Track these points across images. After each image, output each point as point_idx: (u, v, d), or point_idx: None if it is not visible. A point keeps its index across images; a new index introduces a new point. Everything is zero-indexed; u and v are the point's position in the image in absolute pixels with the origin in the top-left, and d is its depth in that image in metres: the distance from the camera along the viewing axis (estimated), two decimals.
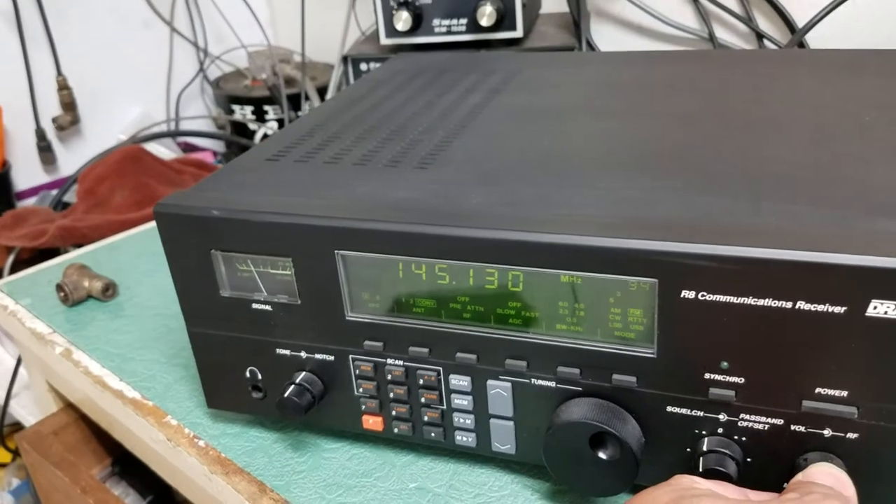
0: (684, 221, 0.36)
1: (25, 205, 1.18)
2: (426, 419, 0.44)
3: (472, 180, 0.43)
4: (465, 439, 0.44)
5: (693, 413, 0.38)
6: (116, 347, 0.60)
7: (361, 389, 0.45)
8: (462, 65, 0.66)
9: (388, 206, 0.41)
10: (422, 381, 0.43)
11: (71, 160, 1.24)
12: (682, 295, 0.35)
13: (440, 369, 0.43)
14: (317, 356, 0.45)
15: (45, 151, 1.20)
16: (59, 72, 1.19)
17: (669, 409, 0.38)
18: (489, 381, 0.42)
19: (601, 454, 0.39)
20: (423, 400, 0.44)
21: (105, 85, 1.26)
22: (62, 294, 0.66)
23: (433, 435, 0.45)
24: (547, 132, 0.49)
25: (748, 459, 0.38)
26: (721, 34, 0.87)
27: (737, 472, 0.37)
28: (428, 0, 0.80)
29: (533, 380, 0.41)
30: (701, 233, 0.35)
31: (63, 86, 1.19)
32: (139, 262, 0.73)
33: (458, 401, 0.43)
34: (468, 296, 0.40)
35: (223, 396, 0.49)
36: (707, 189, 0.39)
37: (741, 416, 0.37)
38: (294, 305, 0.44)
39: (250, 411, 0.49)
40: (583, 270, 0.37)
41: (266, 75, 1.19)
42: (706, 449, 0.38)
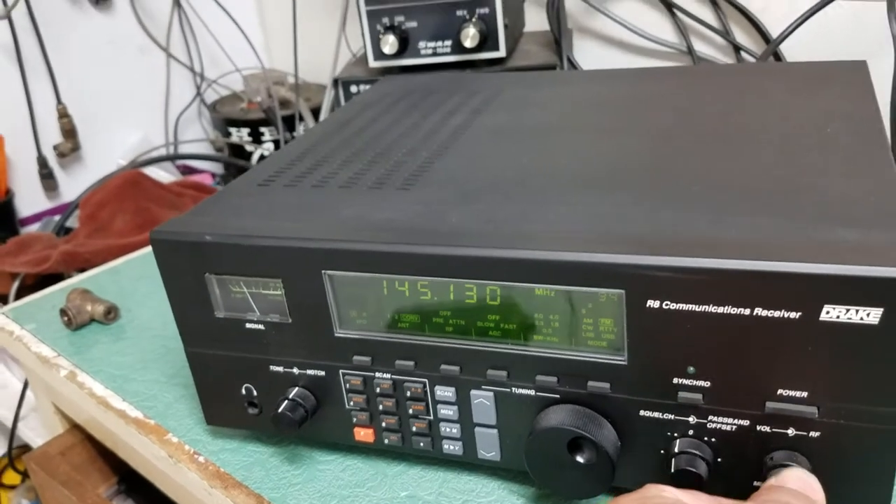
0: (649, 235, 0.38)
1: (29, 231, 1.21)
2: (414, 429, 0.46)
3: (453, 199, 0.46)
4: (452, 448, 0.46)
5: (664, 416, 0.40)
6: (119, 369, 0.62)
7: (352, 403, 0.47)
8: (446, 86, 0.68)
9: (371, 226, 0.43)
10: (409, 393, 0.45)
11: (73, 186, 1.26)
12: (647, 305, 0.37)
13: (426, 381, 0.45)
14: (309, 372, 0.47)
15: (47, 178, 1.23)
16: (58, 100, 1.22)
17: (642, 413, 0.40)
18: (472, 391, 0.44)
19: (579, 458, 0.41)
20: (410, 411, 0.46)
21: (104, 111, 1.29)
22: (66, 318, 0.68)
23: (422, 444, 0.47)
24: (525, 151, 0.52)
25: (718, 459, 0.40)
26: (699, 47, 0.89)
27: (707, 471, 0.39)
28: (413, 23, 0.82)
29: (514, 389, 0.43)
30: (663, 245, 0.37)
31: (63, 114, 1.22)
32: (139, 285, 0.75)
33: (444, 411, 0.45)
34: (450, 310, 0.42)
35: (221, 413, 0.51)
36: (674, 204, 0.41)
37: (709, 418, 0.39)
38: (285, 324, 0.46)
39: (247, 427, 0.51)
40: (555, 284, 0.39)
41: (261, 98, 1.22)
42: (677, 450, 0.39)
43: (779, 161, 0.45)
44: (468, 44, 0.80)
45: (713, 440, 0.39)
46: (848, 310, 0.34)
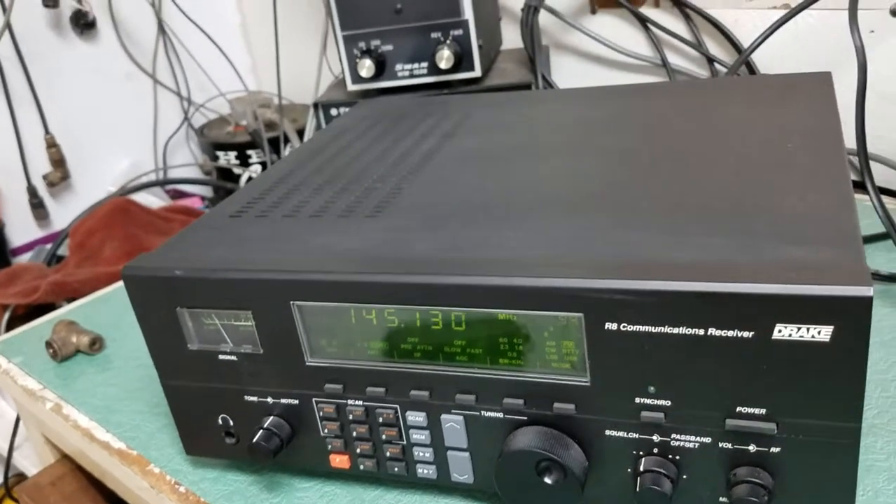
0: (605, 259, 0.39)
1: (21, 260, 1.22)
2: (388, 455, 0.47)
3: (418, 227, 0.46)
4: (426, 472, 0.47)
5: (629, 435, 0.40)
6: (103, 400, 0.63)
7: (326, 430, 0.47)
8: (419, 109, 0.69)
9: (338, 256, 0.44)
10: (381, 419, 0.46)
11: (63, 214, 1.27)
12: (605, 327, 0.38)
13: (397, 407, 0.45)
14: (282, 401, 0.48)
15: (38, 208, 1.24)
16: (46, 130, 1.23)
17: (608, 432, 0.41)
18: (443, 416, 0.44)
19: (547, 479, 0.41)
20: (383, 437, 0.46)
21: (92, 139, 1.30)
22: (51, 351, 0.69)
23: (396, 469, 0.47)
24: (490, 175, 0.52)
25: (684, 476, 0.40)
26: (674, 59, 0.90)
27: (672, 489, 0.40)
28: (390, 46, 0.83)
29: (482, 412, 0.43)
30: (618, 269, 0.38)
31: (51, 143, 1.23)
32: (126, 315, 0.76)
33: (417, 436, 0.46)
34: (417, 336, 0.43)
35: (199, 443, 0.51)
36: (630, 226, 0.42)
37: (672, 436, 0.40)
38: (257, 354, 0.46)
39: (225, 456, 0.51)
40: (516, 308, 0.40)
41: (247, 121, 1.23)
42: (643, 469, 0.40)
43: (736, 180, 0.46)
44: (443, 65, 0.81)
45: (677, 458, 0.40)
46: (799, 328, 0.35)
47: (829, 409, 0.36)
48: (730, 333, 0.36)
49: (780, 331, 0.35)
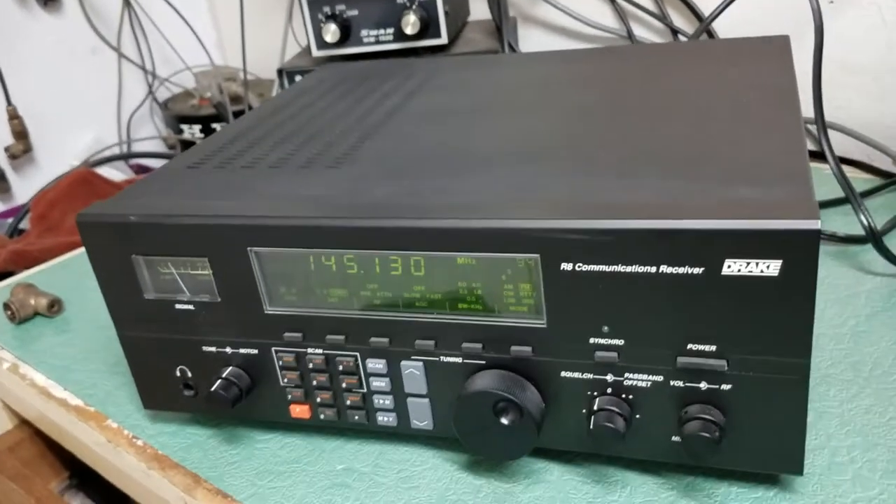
0: (561, 201, 0.39)
1: None
2: (349, 403, 0.47)
3: (379, 176, 0.46)
4: (386, 419, 0.47)
5: (584, 376, 0.41)
6: (61, 360, 0.62)
7: (286, 380, 0.47)
8: (383, 71, 0.69)
9: (297, 202, 0.44)
10: (341, 367, 0.46)
11: (25, 188, 1.25)
12: (561, 267, 0.38)
13: (357, 354, 0.45)
14: (241, 351, 0.47)
15: (0, 181, 1.22)
16: (8, 102, 1.20)
17: (563, 374, 0.41)
18: (403, 362, 0.45)
19: (504, 420, 0.41)
20: (344, 385, 0.46)
21: (56, 112, 1.27)
22: (9, 312, 0.68)
23: (357, 418, 0.47)
24: (452, 130, 0.52)
25: (637, 416, 0.41)
26: (639, 31, 0.91)
27: (625, 427, 0.40)
28: (355, 11, 0.83)
29: (442, 357, 0.44)
30: (573, 209, 0.38)
31: (13, 115, 1.21)
32: (86, 279, 0.75)
33: (377, 383, 0.46)
34: (376, 283, 0.43)
35: (157, 397, 0.51)
36: (588, 173, 0.43)
37: (626, 375, 0.40)
38: (215, 303, 0.46)
39: (184, 409, 0.51)
40: (475, 251, 0.40)
41: (212, 94, 1.22)
42: (597, 408, 0.41)
43: (692, 130, 0.46)
44: (409, 31, 0.81)
45: (630, 397, 0.40)
46: (748, 263, 0.35)
47: (778, 344, 0.37)
48: (680, 270, 0.36)
49: (729, 266, 0.36)
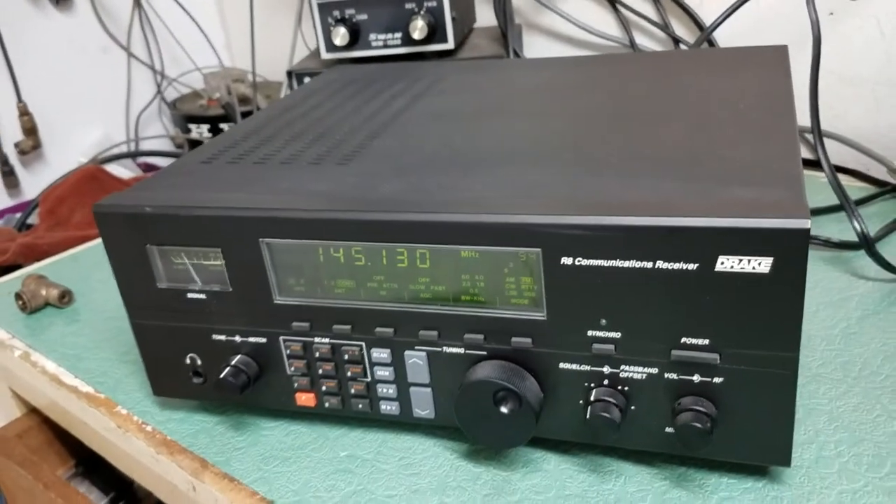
0: (563, 198, 0.41)
1: None
2: (353, 392, 0.48)
3: (387, 173, 0.48)
4: (389, 408, 0.48)
5: (581, 367, 0.42)
6: (72, 349, 0.64)
7: (293, 368, 0.49)
8: (391, 74, 0.71)
9: (307, 196, 0.45)
10: (347, 356, 0.47)
11: (34, 183, 1.27)
12: (562, 261, 0.40)
13: (362, 344, 0.47)
14: (250, 339, 0.49)
15: (8, 176, 1.23)
16: (19, 98, 1.22)
17: (562, 365, 0.43)
18: (406, 352, 0.46)
19: (503, 409, 0.43)
20: (349, 374, 0.48)
21: (65, 109, 1.29)
22: (20, 302, 0.69)
23: (360, 406, 0.49)
24: (459, 131, 0.54)
25: (632, 407, 0.42)
26: (641, 41, 0.93)
27: (621, 417, 0.42)
28: (364, 16, 0.85)
29: (444, 348, 0.45)
30: (574, 206, 0.40)
31: (24, 112, 1.23)
32: (95, 271, 0.76)
33: (381, 372, 0.47)
34: (383, 275, 0.45)
35: (167, 384, 0.53)
36: (589, 173, 0.44)
37: (622, 367, 0.42)
38: (226, 293, 0.48)
39: (193, 396, 0.52)
40: (478, 244, 0.41)
41: (220, 94, 1.24)
42: (593, 399, 0.42)
43: (690, 135, 0.48)
44: (417, 35, 0.83)
45: (626, 388, 0.42)
46: (741, 260, 0.37)
47: (768, 338, 0.38)
48: (676, 266, 0.38)
49: (722, 263, 0.37)
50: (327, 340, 0.47)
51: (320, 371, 0.48)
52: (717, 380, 0.40)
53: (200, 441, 0.51)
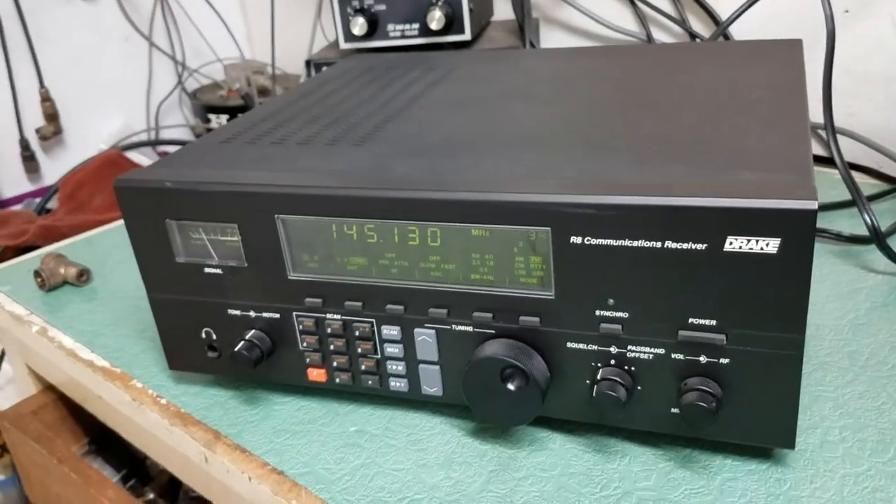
0: (573, 179, 0.42)
1: None
2: (363, 368, 0.49)
3: (402, 154, 0.49)
4: (398, 385, 0.49)
5: (589, 347, 0.43)
6: (89, 325, 0.65)
7: (305, 344, 0.50)
8: (407, 62, 0.72)
9: (322, 174, 0.46)
10: (357, 333, 0.48)
11: (54, 169, 1.29)
12: (571, 241, 0.41)
13: (373, 321, 0.48)
14: (264, 315, 0.50)
15: (29, 161, 1.25)
16: (41, 84, 1.24)
17: (569, 344, 0.43)
18: (416, 330, 0.47)
19: (510, 386, 0.44)
20: (359, 350, 0.49)
21: (87, 97, 1.31)
22: (39, 280, 0.71)
23: (370, 383, 0.50)
24: (473, 117, 0.55)
25: (638, 387, 0.43)
26: (658, 35, 0.93)
27: (627, 397, 0.42)
28: (383, 6, 0.86)
29: (453, 326, 0.46)
30: (584, 186, 0.40)
31: (45, 97, 1.25)
32: (113, 253, 0.78)
33: (390, 349, 0.48)
34: (394, 252, 0.45)
35: (182, 358, 0.54)
36: (601, 156, 0.45)
37: (629, 347, 0.42)
38: (242, 268, 0.49)
39: (207, 370, 0.53)
40: (489, 223, 0.42)
41: (240, 85, 1.25)
42: (600, 378, 0.43)
43: (702, 122, 0.48)
44: (434, 26, 0.83)
45: (633, 368, 0.43)
46: (749, 240, 0.37)
47: (774, 319, 0.39)
48: (684, 246, 0.39)
49: (730, 243, 0.38)
50: (339, 317, 0.48)
51: (331, 347, 0.49)
52: (724, 360, 0.41)
53: (214, 414, 0.52)
